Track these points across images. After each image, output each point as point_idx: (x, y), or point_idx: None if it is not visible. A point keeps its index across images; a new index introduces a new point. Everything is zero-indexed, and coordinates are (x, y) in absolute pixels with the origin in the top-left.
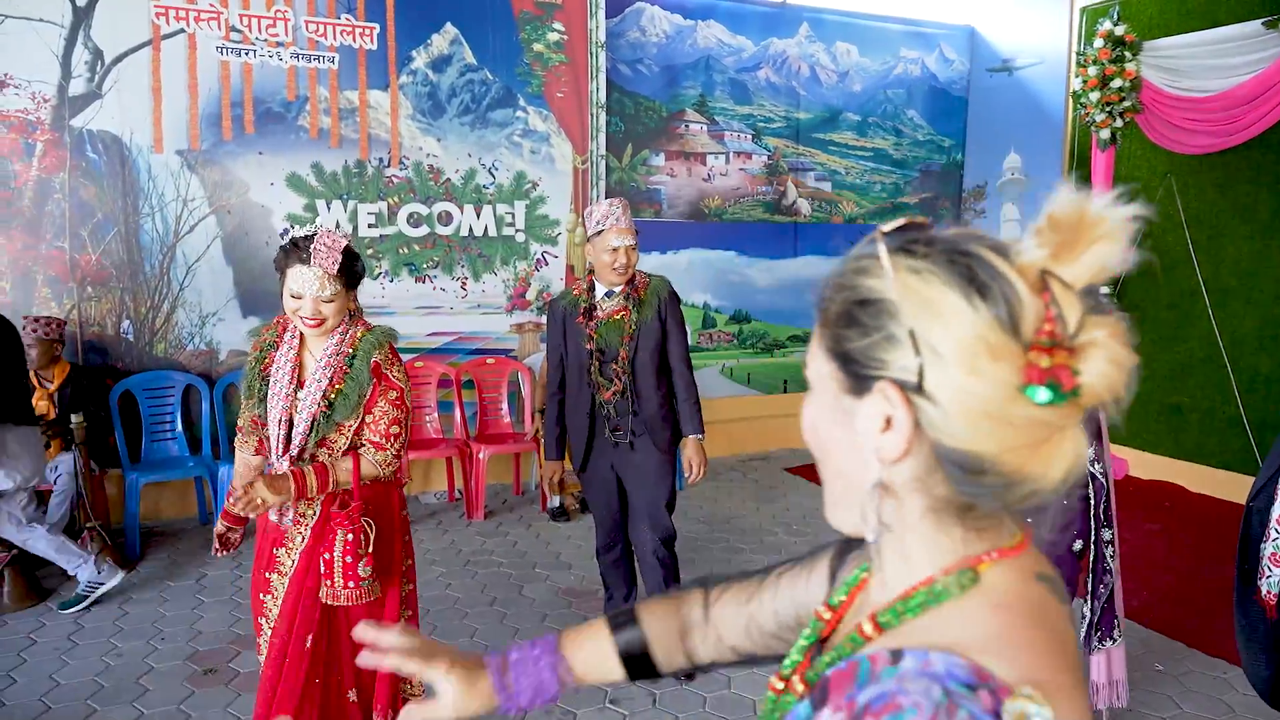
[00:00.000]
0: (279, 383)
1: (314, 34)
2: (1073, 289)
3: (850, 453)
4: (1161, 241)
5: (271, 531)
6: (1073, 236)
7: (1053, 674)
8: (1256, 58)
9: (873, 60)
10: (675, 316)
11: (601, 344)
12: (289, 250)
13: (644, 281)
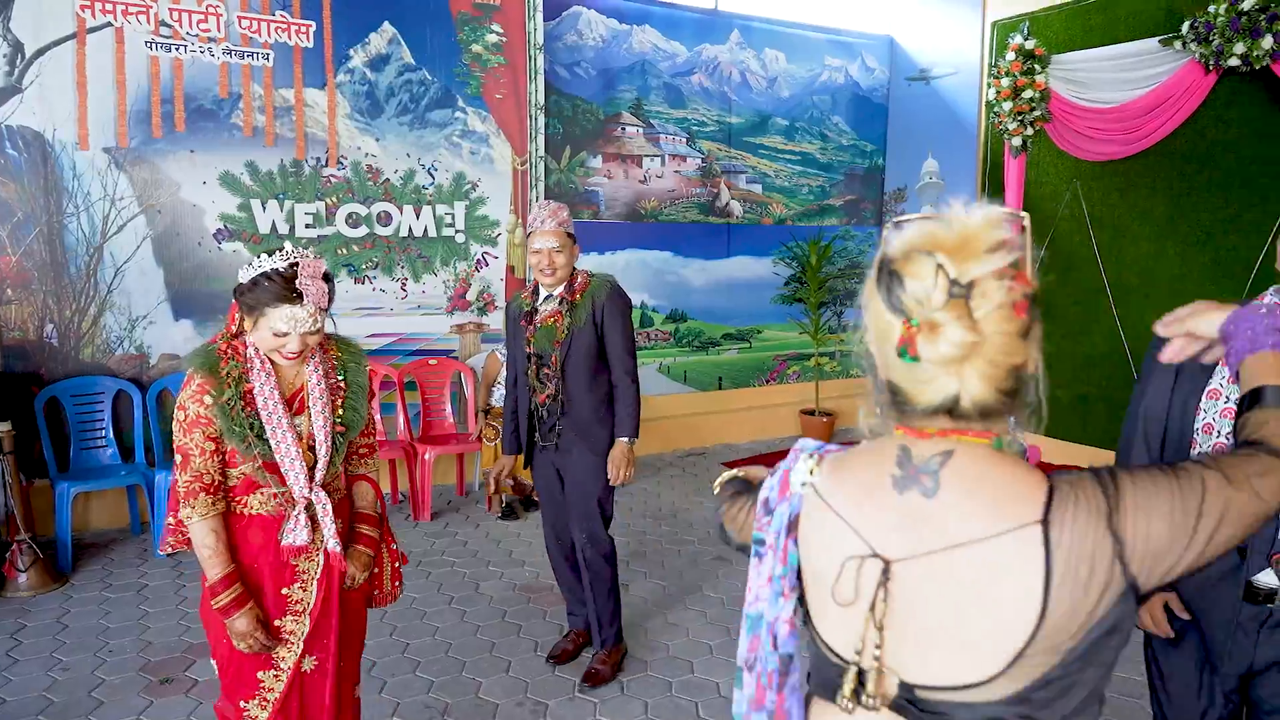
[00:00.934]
0: (274, 415)
1: (247, 30)
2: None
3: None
4: (1069, 242)
5: (264, 567)
6: (962, 245)
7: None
8: (1154, 72)
9: (799, 67)
10: (614, 318)
11: (538, 348)
12: (271, 287)
13: (583, 284)
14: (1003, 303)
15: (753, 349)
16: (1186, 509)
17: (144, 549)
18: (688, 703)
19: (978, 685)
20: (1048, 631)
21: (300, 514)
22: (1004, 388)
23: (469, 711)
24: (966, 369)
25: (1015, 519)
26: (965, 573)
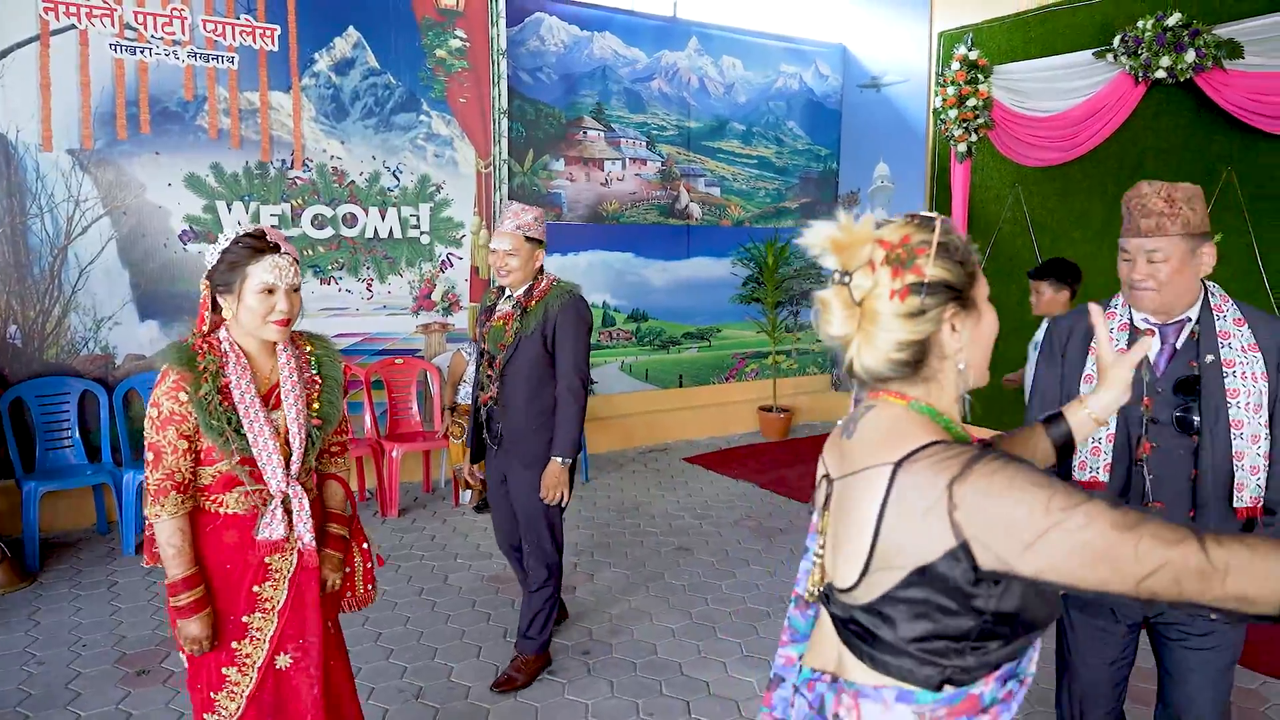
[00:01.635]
0: (251, 408)
1: (212, 34)
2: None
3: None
4: (1011, 244)
5: (240, 569)
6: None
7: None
8: (1088, 83)
9: (756, 74)
10: (566, 330)
11: (489, 347)
12: (246, 243)
13: (544, 290)
14: (887, 292)
15: (712, 347)
16: (1043, 512)
17: (112, 547)
18: (651, 681)
19: (850, 590)
20: (880, 554)
21: (276, 508)
22: (897, 358)
23: (442, 694)
24: (856, 341)
25: (879, 459)
26: (849, 495)
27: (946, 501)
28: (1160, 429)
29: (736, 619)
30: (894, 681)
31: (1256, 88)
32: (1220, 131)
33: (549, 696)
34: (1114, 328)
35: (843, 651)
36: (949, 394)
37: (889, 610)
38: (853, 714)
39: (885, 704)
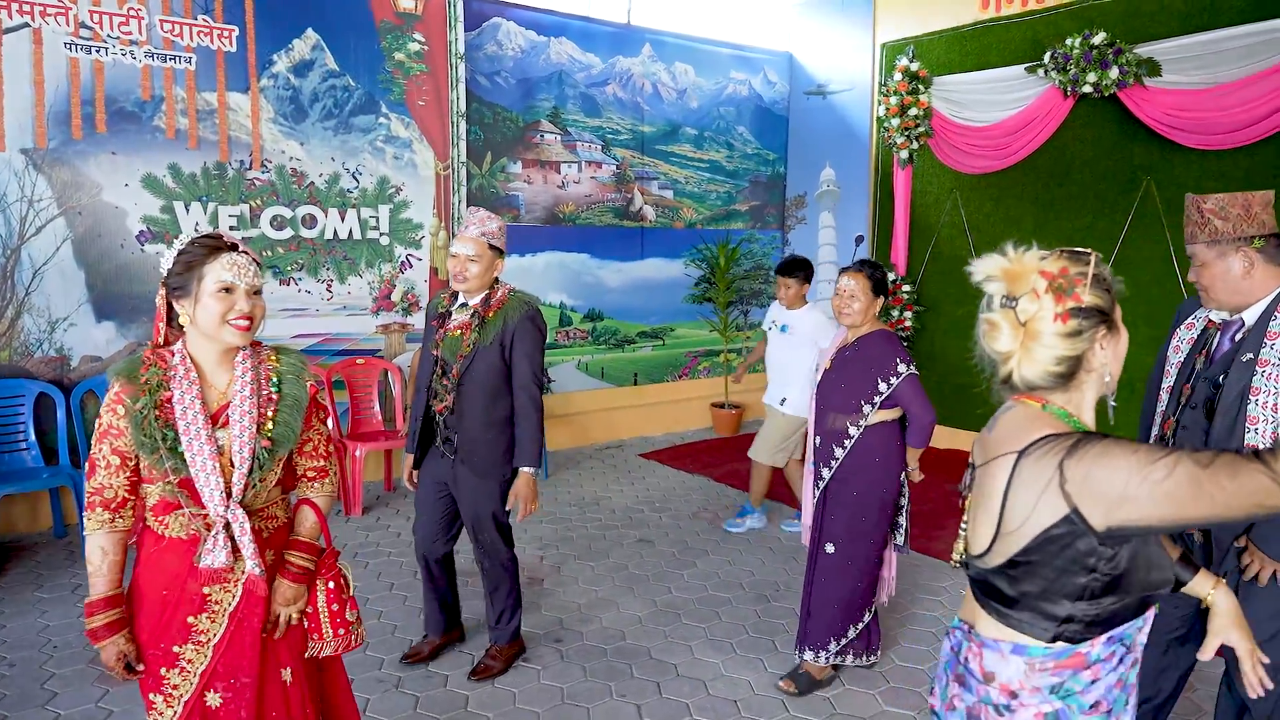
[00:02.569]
0: (194, 425)
1: (169, 34)
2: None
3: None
4: (950, 246)
5: (177, 597)
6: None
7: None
8: (1020, 95)
9: (707, 80)
10: (523, 342)
11: (443, 356)
12: (203, 243)
13: (501, 301)
14: (1051, 315)
15: (666, 346)
16: (1142, 476)
17: (71, 550)
18: (623, 665)
19: (982, 555)
20: (1004, 525)
21: (218, 534)
22: (1055, 371)
23: (421, 683)
24: (1017, 356)
25: (1008, 449)
26: (985, 479)
27: (1059, 477)
28: (1191, 412)
29: (700, 605)
30: (1013, 635)
31: (1173, 103)
32: (1141, 143)
33: (525, 682)
34: (1201, 318)
35: (977, 608)
36: (1088, 401)
37: (1014, 572)
38: (976, 660)
39: (1002, 654)
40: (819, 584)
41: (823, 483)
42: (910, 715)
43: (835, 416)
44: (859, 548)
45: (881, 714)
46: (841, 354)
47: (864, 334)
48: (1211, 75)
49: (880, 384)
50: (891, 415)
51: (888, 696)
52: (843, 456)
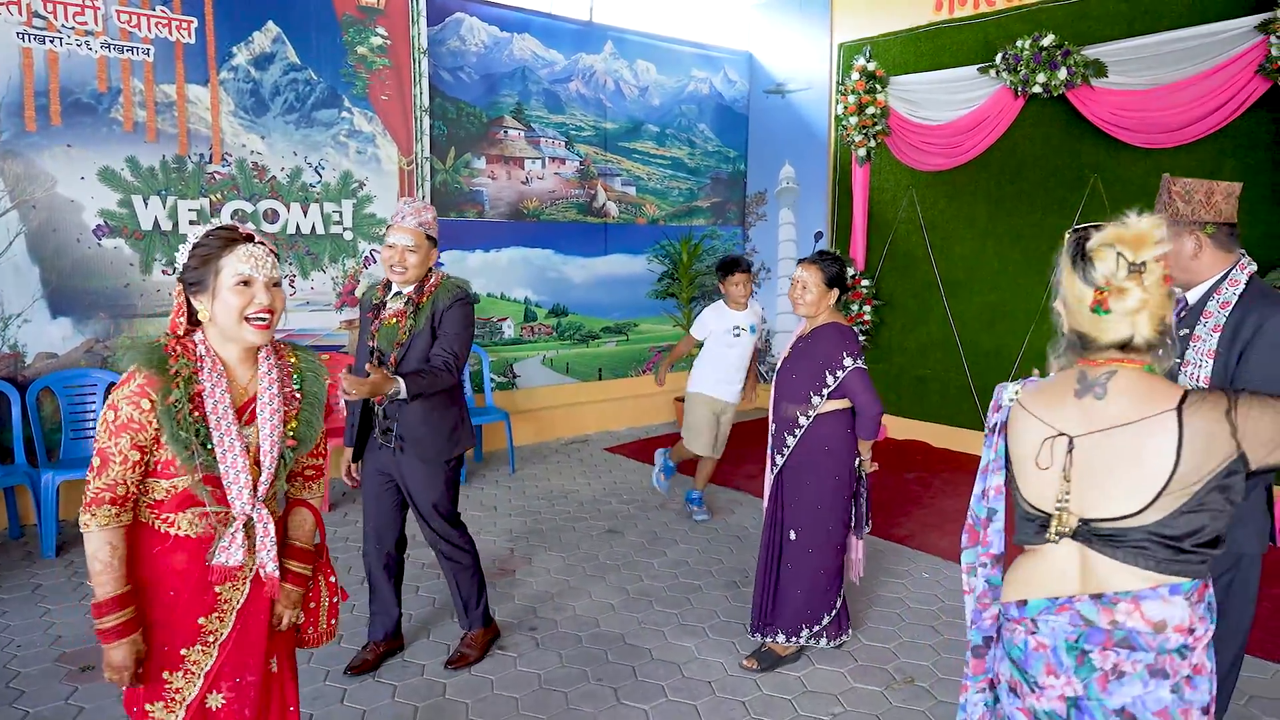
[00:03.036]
0: (224, 421)
1: (126, 24)
2: (1126, 260)
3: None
4: (907, 242)
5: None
6: (1137, 240)
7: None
8: (973, 95)
9: (668, 78)
10: (452, 321)
11: (380, 345)
12: (219, 234)
13: (433, 287)
14: (1160, 275)
15: (630, 341)
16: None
17: (28, 551)
18: (598, 651)
19: (1131, 515)
20: (1178, 479)
21: (237, 532)
22: (1160, 330)
23: (398, 673)
24: (1139, 317)
25: (1157, 408)
26: (1120, 442)
27: (1229, 426)
28: None
29: (671, 592)
30: (1166, 578)
31: (1118, 104)
32: (1089, 142)
33: (502, 669)
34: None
35: (1099, 571)
36: (1165, 364)
37: (1178, 521)
38: (1134, 614)
39: (1163, 599)
40: (786, 570)
41: (776, 468)
42: (877, 691)
43: (787, 405)
44: (820, 534)
45: (851, 690)
46: (797, 344)
47: (819, 325)
48: (1154, 76)
49: (827, 376)
50: (842, 405)
51: (856, 674)
52: (794, 445)
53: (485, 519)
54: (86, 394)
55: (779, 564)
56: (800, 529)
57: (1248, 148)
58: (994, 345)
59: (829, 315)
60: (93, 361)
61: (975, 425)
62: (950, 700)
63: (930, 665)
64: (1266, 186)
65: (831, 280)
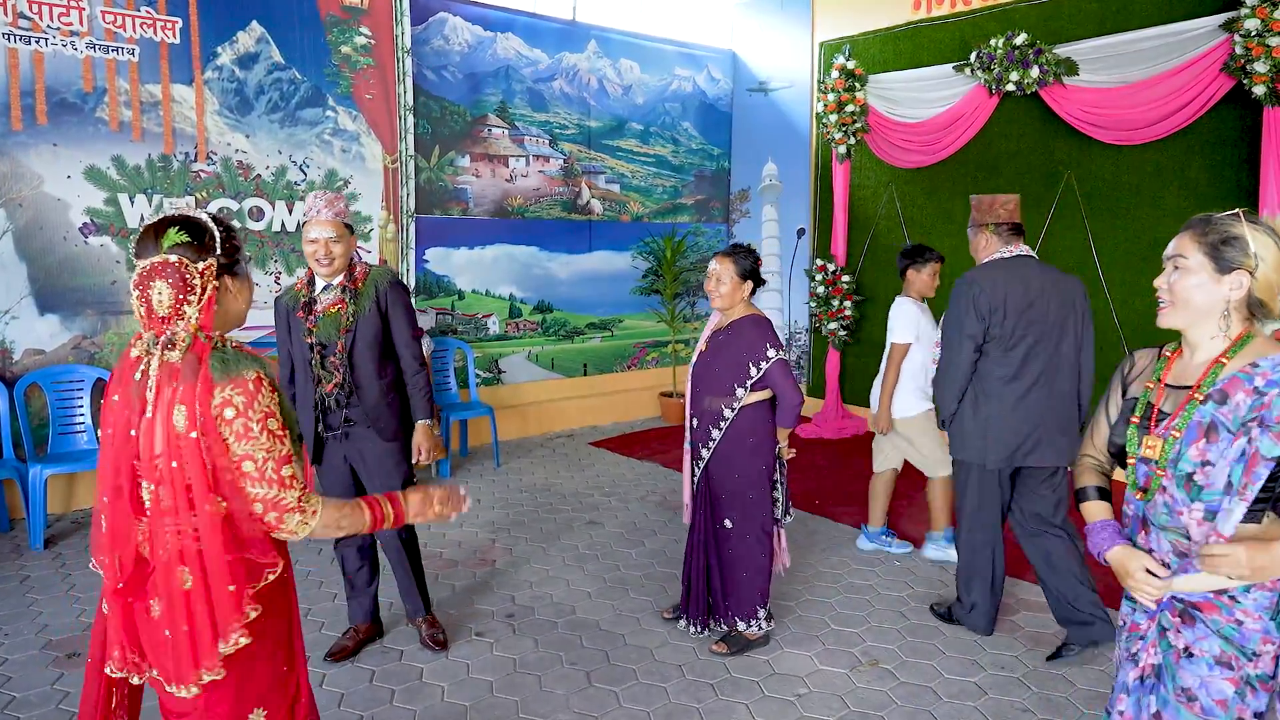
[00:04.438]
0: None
1: (111, 25)
2: None
3: (1208, 295)
4: (887, 239)
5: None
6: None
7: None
8: (949, 93)
9: (652, 76)
10: (397, 305)
11: (321, 337)
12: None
13: (363, 272)
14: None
15: (615, 337)
16: None
17: (17, 544)
18: (572, 636)
19: None
20: None
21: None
22: None
23: (378, 658)
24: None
25: None
26: None
27: None
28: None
29: (648, 581)
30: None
31: (1089, 101)
32: (1062, 139)
33: (478, 654)
34: None
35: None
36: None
37: None
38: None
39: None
40: (728, 555)
41: (702, 463)
42: (843, 673)
43: (710, 399)
44: (753, 521)
45: (817, 672)
46: (716, 337)
47: (736, 318)
48: (1123, 75)
49: (751, 368)
50: (762, 396)
51: (823, 657)
52: (719, 438)
53: (468, 511)
54: (74, 390)
55: (719, 553)
56: (735, 517)
57: (1215, 144)
58: None
59: (745, 308)
60: (80, 358)
61: None
62: (914, 682)
63: (896, 648)
64: (1233, 182)
65: (745, 274)
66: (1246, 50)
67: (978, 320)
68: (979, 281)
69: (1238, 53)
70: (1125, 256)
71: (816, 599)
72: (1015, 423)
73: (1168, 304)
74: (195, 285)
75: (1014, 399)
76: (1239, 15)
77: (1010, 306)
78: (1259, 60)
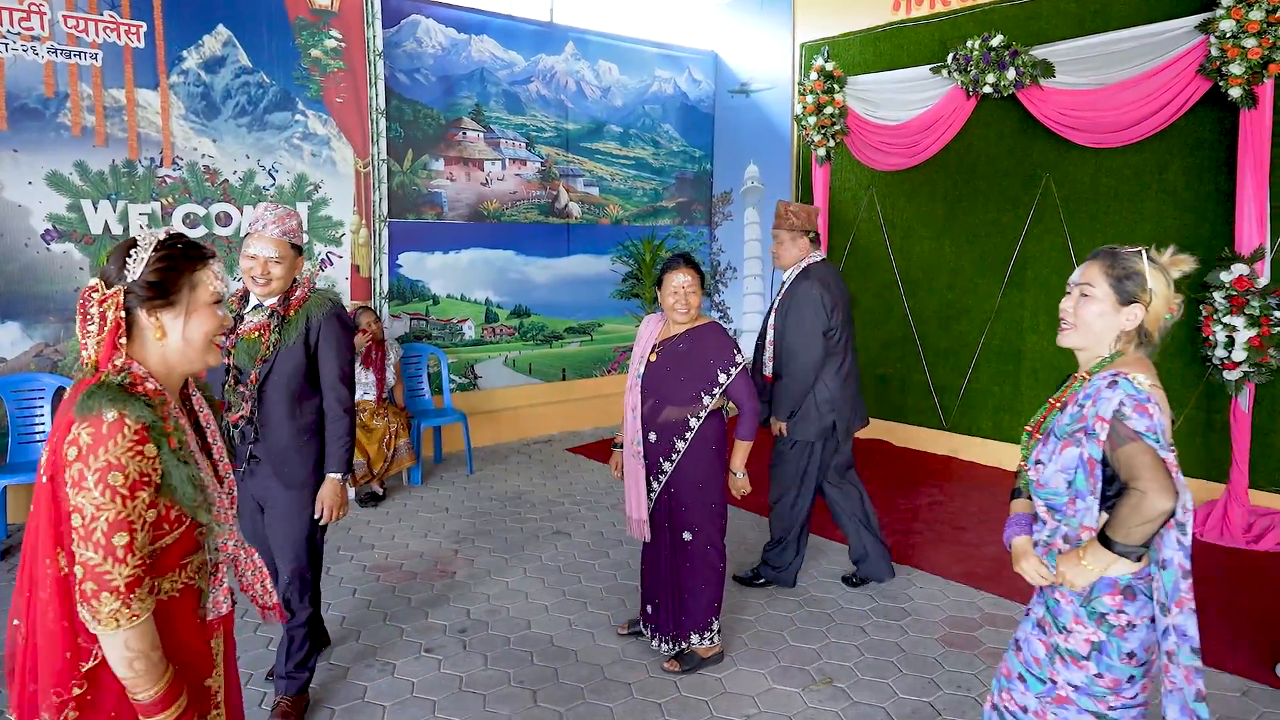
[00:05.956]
0: (199, 458)
1: (73, 29)
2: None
3: (1107, 322)
4: (868, 241)
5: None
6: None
7: (1150, 378)
8: (927, 95)
9: (631, 78)
10: (329, 341)
11: (238, 361)
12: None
13: (300, 299)
14: None
15: (594, 341)
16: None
17: None
18: (524, 653)
19: None
20: None
21: (223, 577)
22: None
23: (321, 674)
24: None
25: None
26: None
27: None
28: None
29: (607, 594)
30: None
31: (1066, 103)
32: (1040, 142)
33: (424, 672)
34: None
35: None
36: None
37: None
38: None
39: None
40: (688, 569)
41: (664, 476)
42: (794, 692)
43: (672, 409)
44: (714, 531)
45: (769, 691)
46: (671, 346)
47: (695, 326)
48: (1100, 76)
49: (720, 375)
50: (717, 404)
51: (777, 675)
52: (684, 449)
53: (434, 520)
54: (35, 399)
55: (677, 567)
56: (695, 529)
57: (1193, 147)
58: (951, 344)
59: (700, 316)
60: (42, 366)
61: (935, 424)
62: (867, 702)
63: (852, 666)
64: (1211, 185)
65: (704, 282)
66: (1222, 52)
67: (826, 318)
68: (820, 284)
69: (1213, 54)
70: None
71: (777, 613)
72: (844, 402)
73: (1070, 326)
74: (93, 315)
75: (841, 381)
76: (1215, 16)
77: (839, 303)
78: (1234, 62)
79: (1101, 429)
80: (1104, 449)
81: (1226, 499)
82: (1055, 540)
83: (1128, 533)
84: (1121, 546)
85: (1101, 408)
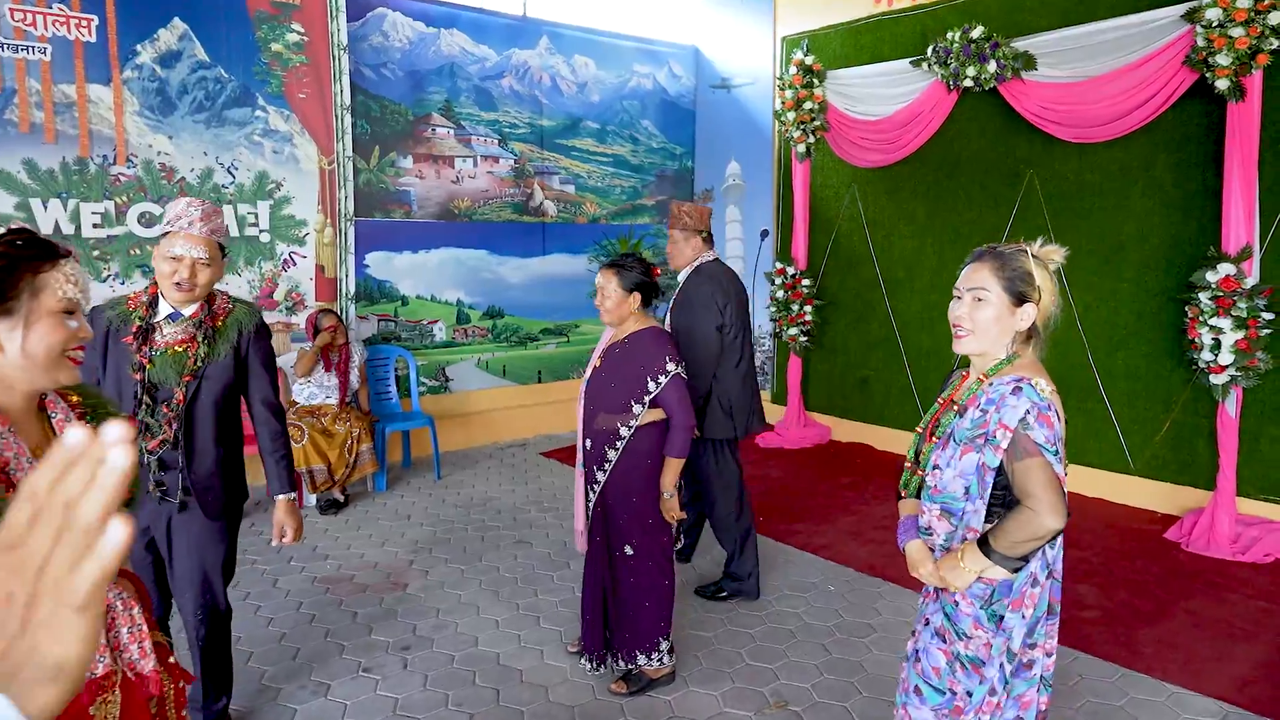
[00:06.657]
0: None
1: (21, 23)
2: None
3: (1003, 324)
4: (849, 240)
5: None
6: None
7: (1049, 383)
8: (908, 89)
9: (609, 73)
10: (259, 352)
11: (156, 378)
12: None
13: (225, 308)
14: None
15: (571, 343)
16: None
17: None
18: (466, 672)
19: None
20: None
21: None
22: None
23: (252, 695)
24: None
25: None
26: None
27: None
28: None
29: (562, 608)
30: None
31: (1048, 97)
32: (1023, 137)
33: (359, 693)
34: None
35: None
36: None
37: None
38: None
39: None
40: (629, 586)
41: (598, 487)
42: (747, 716)
43: (605, 417)
44: (655, 545)
45: (720, 714)
46: (612, 351)
47: (635, 331)
48: (1083, 69)
49: (649, 382)
50: (659, 417)
51: (730, 697)
52: (615, 459)
53: (394, 528)
54: None
55: (615, 582)
56: (634, 543)
57: (1180, 142)
58: (933, 345)
59: (640, 320)
60: None
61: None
62: None
63: (810, 687)
64: (1198, 181)
65: (632, 286)
66: (1208, 42)
67: (719, 313)
68: (712, 280)
69: (1199, 45)
70: (1088, 258)
71: (737, 629)
72: (744, 399)
73: (967, 333)
74: None
75: (740, 378)
76: (1200, 4)
77: (733, 301)
78: (1221, 53)
79: (1004, 437)
80: (1002, 458)
81: (1213, 508)
82: (954, 544)
83: (1011, 545)
84: (999, 557)
85: (1006, 415)
